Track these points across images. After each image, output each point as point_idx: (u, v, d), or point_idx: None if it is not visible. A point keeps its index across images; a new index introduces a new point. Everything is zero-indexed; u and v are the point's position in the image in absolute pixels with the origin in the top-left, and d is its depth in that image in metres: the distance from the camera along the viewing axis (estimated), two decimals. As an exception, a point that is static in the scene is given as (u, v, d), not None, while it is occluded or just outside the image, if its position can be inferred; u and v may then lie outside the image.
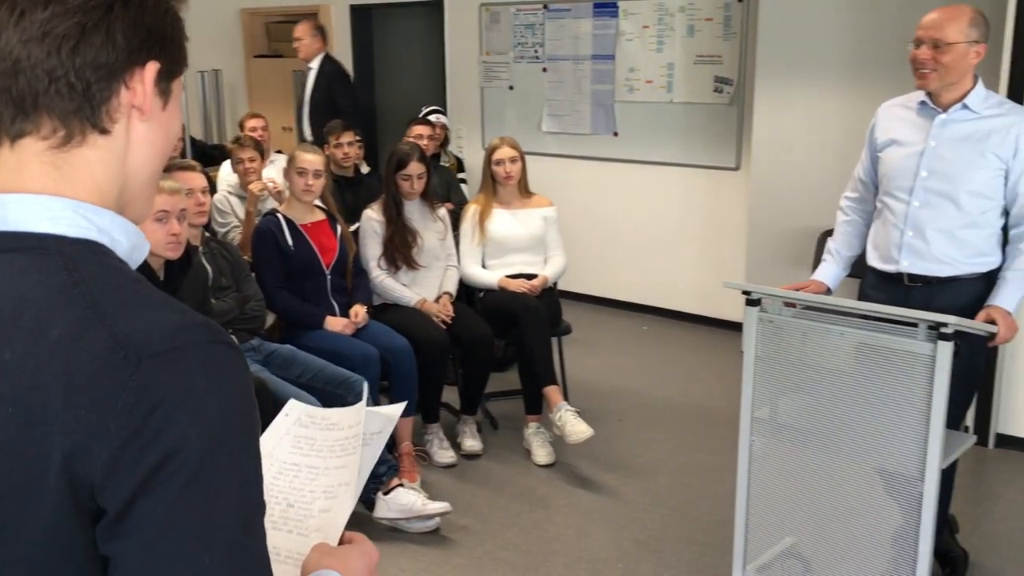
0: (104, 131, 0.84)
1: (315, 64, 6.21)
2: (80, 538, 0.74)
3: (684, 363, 5.34)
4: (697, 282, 5.97)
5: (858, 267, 3.20)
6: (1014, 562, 3.24)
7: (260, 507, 0.80)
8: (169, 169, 4.40)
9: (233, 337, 0.82)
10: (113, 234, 0.84)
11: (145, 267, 1.00)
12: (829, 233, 4.64)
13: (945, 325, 2.41)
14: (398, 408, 1.22)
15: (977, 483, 3.82)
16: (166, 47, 0.86)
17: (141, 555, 0.72)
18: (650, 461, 4.05)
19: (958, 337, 2.46)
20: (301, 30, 6.24)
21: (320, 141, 5.24)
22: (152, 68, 0.85)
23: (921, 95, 2.88)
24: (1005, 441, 4.11)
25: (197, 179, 3.35)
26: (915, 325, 2.50)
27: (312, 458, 1.17)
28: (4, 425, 0.74)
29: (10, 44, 0.80)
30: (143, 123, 0.86)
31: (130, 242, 0.86)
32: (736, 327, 5.59)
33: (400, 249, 4.13)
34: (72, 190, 0.83)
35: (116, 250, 0.84)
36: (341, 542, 1.08)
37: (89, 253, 0.81)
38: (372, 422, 1.17)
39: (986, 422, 4.09)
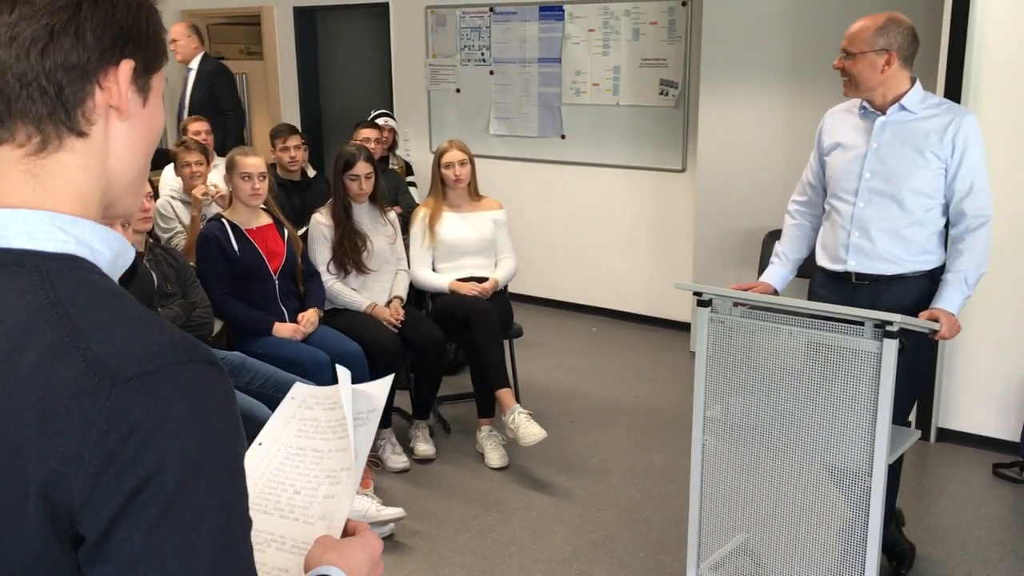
0: (81, 134, 0.82)
1: (194, 64, 6.21)
2: (64, 562, 0.73)
3: (633, 364, 5.38)
4: (645, 283, 6.03)
5: (805, 267, 3.26)
6: (958, 554, 3.33)
7: (245, 525, 0.79)
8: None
9: (213, 352, 0.80)
10: (94, 245, 0.82)
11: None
12: (774, 234, 4.75)
13: (891, 323, 2.46)
14: (385, 383, 1.20)
15: (920, 477, 3.91)
16: (140, 43, 0.84)
17: None
18: (602, 462, 4.08)
19: (903, 335, 2.52)
20: (176, 31, 6.22)
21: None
22: (127, 67, 0.83)
23: (862, 100, 2.94)
24: (946, 435, 4.21)
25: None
26: (862, 323, 2.55)
27: (316, 440, 1.15)
28: None
29: (17, 51, 0.78)
30: (122, 122, 0.84)
31: (112, 251, 0.84)
32: (684, 327, 5.67)
33: (350, 253, 4.10)
34: (51, 200, 0.81)
35: (98, 261, 0.82)
36: (345, 532, 1.07)
37: (68, 269, 0.79)
38: (360, 401, 1.16)
39: (928, 417, 4.19)
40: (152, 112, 0.88)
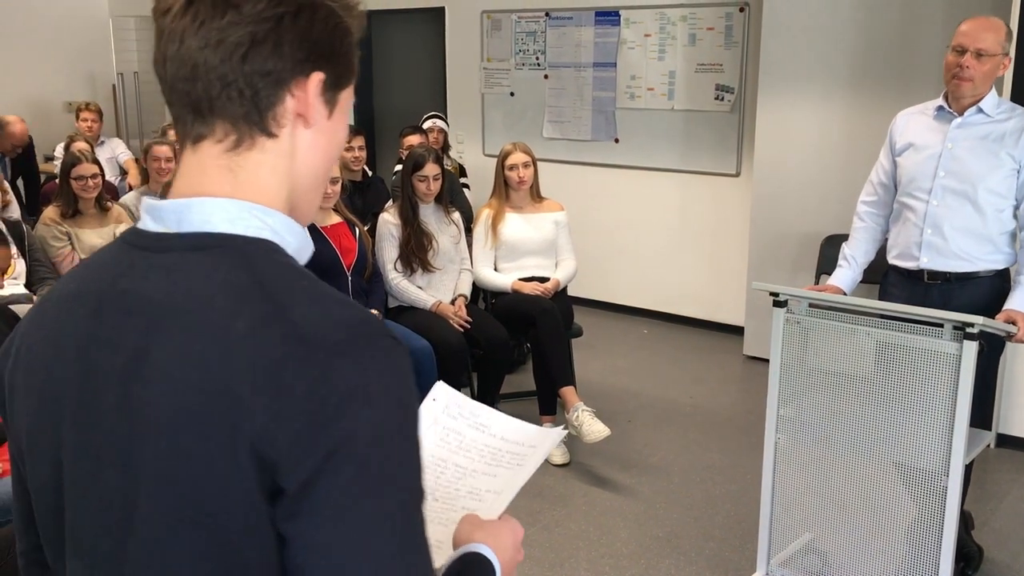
0: (271, 135, 0.89)
1: None
2: (264, 515, 0.78)
3: (687, 366, 5.42)
4: (697, 286, 6.07)
5: (871, 271, 3.30)
6: (1023, 557, 3.34)
7: (423, 494, 0.84)
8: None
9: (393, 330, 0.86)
10: (283, 234, 0.89)
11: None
12: (831, 239, 4.78)
13: (971, 325, 2.50)
14: (559, 433, 1.19)
15: (982, 482, 3.92)
16: (331, 59, 0.90)
17: (316, 534, 0.77)
18: (662, 460, 4.13)
19: (981, 336, 2.55)
20: None
21: None
22: (316, 79, 0.89)
23: (938, 102, 3.00)
24: (1007, 441, 4.22)
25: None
26: (938, 325, 2.59)
27: (460, 456, 1.15)
28: (197, 411, 0.78)
29: (191, 51, 0.85)
30: (308, 130, 0.91)
31: (297, 242, 0.91)
32: (736, 331, 5.71)
33: (416, 252, 4.19)
34: (245, 193, 0.88)
35: (286, 249, 0.89)
36: None
37: (264, 251, 0.86)
38: (515, 432, 1.16)
39: (988, 422, 4.19)
40: (336, 124, 0.94)
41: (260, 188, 0.89)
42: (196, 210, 0.86)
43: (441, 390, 1.23)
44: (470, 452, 1.16)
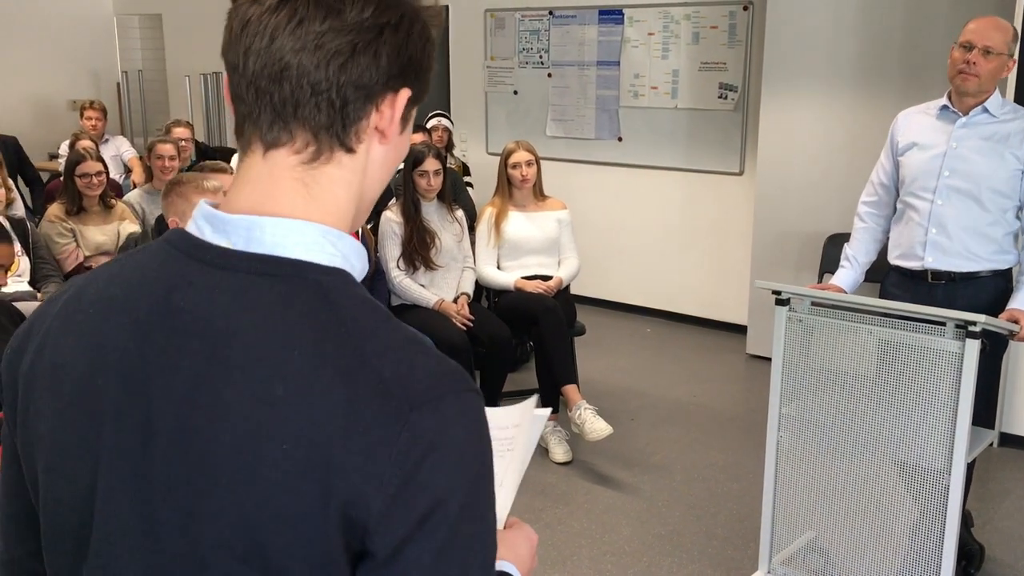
0: (350, 150, 0.84)
1: None
2: (344, 574, 0.76)
3: (690, 365, 5.43)
4: (700, 285, 6.07)
5: (872, 272, 3.30)
6: (1025, 556, 3.35)
7: (495, 547, 0.82)
8: (203, 170, 4.44)
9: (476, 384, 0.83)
10: (352, 260, 0.84)
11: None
12: (834, 238, 4.78)
13: (974, 323, 2.50)
14: (543, 412, 1.16)
15: (984, 481, 3.92)
16: (419, 75, 0.86)
17: None
18: (664, 459, 4.13)
19: (984, 335, 2.55)
20: None
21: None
22: (404, 95, 0.85)
23: (941, 101, 3.00)
24: (1010, 440, 4.22)
25: (230, 180, 3.40)
26: (941, 323, 2.59)
27: None
28: (280, 462, 0.74)
29: (283, 50, 0.80)
30: (382, 146, 0.86)
31: (362, 264, 0.86)
32: (739, 329, 5.71)
33: (419, 249, 4.20)
34: (319, 212, 0.83)
35: (353, 274, 0.84)
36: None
37: (342, 284, 0.81)
38: (506, 416, 1.13)
39: (990, 422, 4.19)
40: (405, 139, 0.89)
41: (333, 206, 0.84)
42: (269, 231, 0.80)
43: None
44: None
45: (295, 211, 0.82)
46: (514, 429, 1.12)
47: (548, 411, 1.17)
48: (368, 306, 0.81)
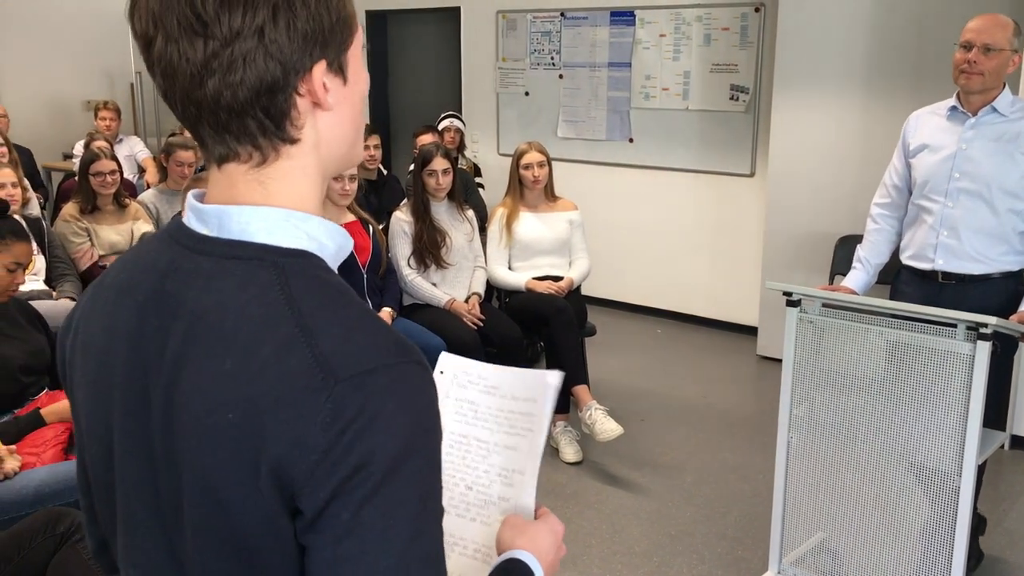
0: (294, 141, 0.87)
1: None
2: (285, 528, 0.81)
3: (700, 365, 5.43)
4: (711, 286, 6.07)
5: (883, 271, 3.30)
6: (1036, 558, 3.34)
7: (438, 514, 0.85)
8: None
9: (420, 353, 0.86)
10: (321, 239, 0.88)
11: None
12: (846, 239, 4.78)
13: (985, 325, 2.50)
14: (555, 375, 1.13)
15: (995, 483, 3.91)
16: (328, 39, 0.85)
17: (328, 550, 0.80)
18: (675, 459, 4.14)
19: (995, 337, 2.55)
20: None
21: None
22: (319, 69, 0.85)
23: (951, 102, 3.00)
24: (1021, 442, 4.20)
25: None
26: (952, 325, 2.59)
27: (478, 428, 1.14)
28: (227, 429, 0.80)
29: (187, 88, 0.83)
30: (328, 111, 0.87)
31: (335, 244, 0.90)
32: (749, 331, 5.71)
33: (429, 248, 4.22)
34: (280, 200, 0.87)
35: (324, 254, 0.88)
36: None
37: (301, 266, 0.85)
38: (521, 386, 1.13)
39: (1001, 424, 4.17)
40: (353, 82, 0.89)
41: (292, 195, 0.88)
42: (235, 217, 0.86)
43: (447, 360, 1.21)
44: (487, 422, 1.14)
45: (255, 202, 0.87)
46: (528, 403, 1.11)
47: (559, 375, 1.15)
48: (321, 286, 0.85)
